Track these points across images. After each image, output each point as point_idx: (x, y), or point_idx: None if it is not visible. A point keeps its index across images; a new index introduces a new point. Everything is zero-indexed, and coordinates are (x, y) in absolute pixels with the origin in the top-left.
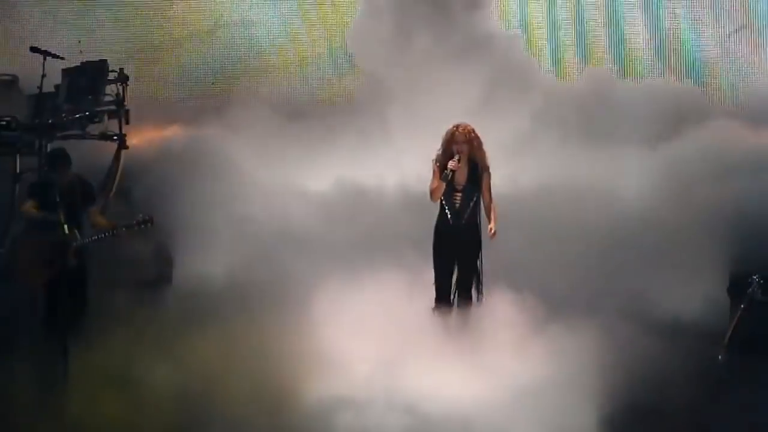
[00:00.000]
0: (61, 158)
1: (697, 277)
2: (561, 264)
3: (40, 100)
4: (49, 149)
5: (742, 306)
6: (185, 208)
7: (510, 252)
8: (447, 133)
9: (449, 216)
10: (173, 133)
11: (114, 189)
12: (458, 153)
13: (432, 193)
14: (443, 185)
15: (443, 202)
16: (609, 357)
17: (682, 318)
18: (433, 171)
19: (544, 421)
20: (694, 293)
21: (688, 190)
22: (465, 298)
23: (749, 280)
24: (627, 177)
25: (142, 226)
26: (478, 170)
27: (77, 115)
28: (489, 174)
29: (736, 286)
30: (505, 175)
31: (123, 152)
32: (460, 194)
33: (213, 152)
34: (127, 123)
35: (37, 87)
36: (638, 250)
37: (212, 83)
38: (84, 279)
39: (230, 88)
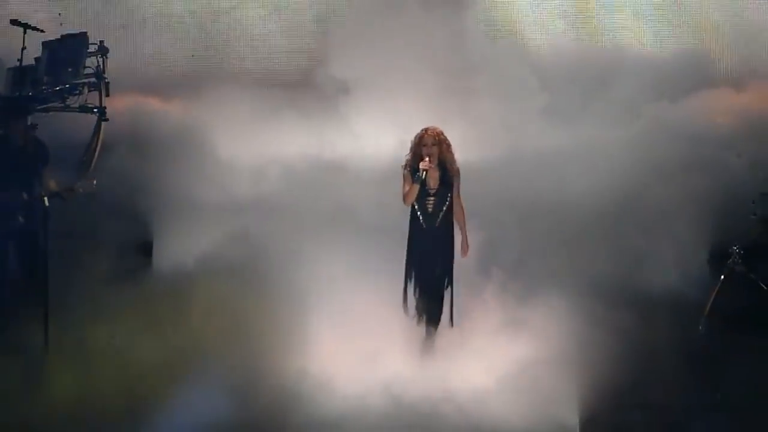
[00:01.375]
0: (15, 109)
1: (678, 250)
2: (538, 240)
3: (20, 72)
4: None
5: (722, 277)
6: (164, 182)
7: (486, 229)
8: (415, 136)
9: (422, 220)
10: (153, 106)
11: (95, 161)
12: (428, 156)
13: (405, 197)
14: (416, 188)
15: (415, 206)
16: (589, 333)
17: (663, 291)
18: (404, 176)
19: (526, 400)
20: (675, 265)
21: (669, 161)
22: (435, 313)
23: (729, 250)
24: (606, 149)
25: (86, 189)
26: (448, 173)
27: (57, 88)
28: (459, 177)
29: (717, 258)
30: (479, 148)
31: (103, 125)
32: (432, 198)
33: (193, 126)
34: (108, 95)
35: (17, 60)
36: (617, 224)
37: (191, 55)
38: (36, 242)
39: (209, 62)
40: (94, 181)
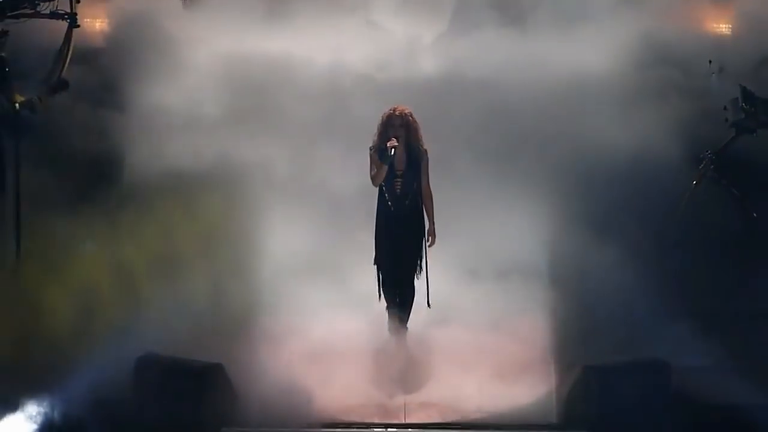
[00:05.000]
0: None
1: (649, 155)
2: (508, 154)
3: None
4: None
5: (693, 182)
6: (137, 91)
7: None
8: (383, 116)
9: (390, 203)
10: (124, 9)
11: (65, 69)
12: (396, 136)
13: (374, 178)
14: (384, 168)
15: (383, 188)
16: (559, 245)
17: (633, 197)
18: (371, 157)
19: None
20: (646, 171)
21: (641, 71)
22: (406, 294)
23: (701, 156)
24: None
25: (59, 91)
26: (415, 155)
27: None
28: (427, 158)
29: (689, 164)
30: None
31: (74, 31)
32: (400, 180)
33: (166, 26)
34: (78, 2)
35: None
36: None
37: None
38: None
39: None
40: (65, 82)
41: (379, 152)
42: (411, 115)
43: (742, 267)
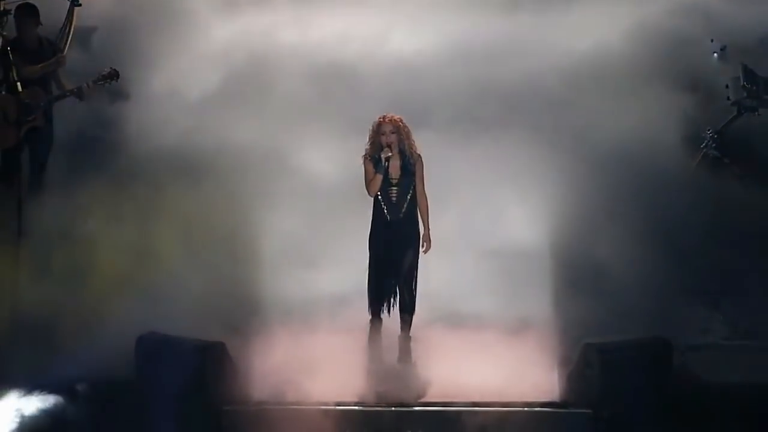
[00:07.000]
0: (30, 14)
1: (651, 133)
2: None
3: None
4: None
5: (695, 162)
6: (142, 66)
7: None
8: (374, 125)
9: (386, 211)
10: None
11: (66, 48)
12: (388, 144)
13: (369, 187)
14: (380, 178)
15: (379, 197)
16: (560, 221)
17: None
18: (365, 166)
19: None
20: (648, 150)
21: (641, 48)
22: (407, 301)
23: (702, 134)
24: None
25: (109, 81)
26: (409, 161)
27: None
28: (422, 163)
29: (691, 142)
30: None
31: (76, 9)
32: (395, 188)
33: (170, 4)
34: None
35: None
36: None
37: None
38: (49, 139)
39: None
40: (116, 72)
41: (373, 161)
42: (401, 121)
43: (744, 245)
